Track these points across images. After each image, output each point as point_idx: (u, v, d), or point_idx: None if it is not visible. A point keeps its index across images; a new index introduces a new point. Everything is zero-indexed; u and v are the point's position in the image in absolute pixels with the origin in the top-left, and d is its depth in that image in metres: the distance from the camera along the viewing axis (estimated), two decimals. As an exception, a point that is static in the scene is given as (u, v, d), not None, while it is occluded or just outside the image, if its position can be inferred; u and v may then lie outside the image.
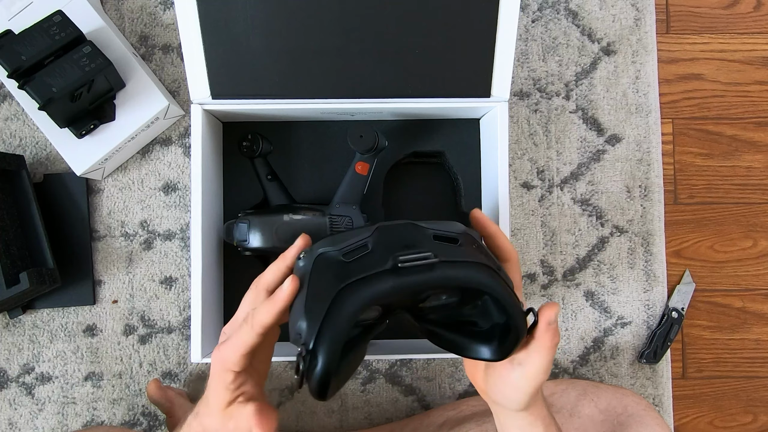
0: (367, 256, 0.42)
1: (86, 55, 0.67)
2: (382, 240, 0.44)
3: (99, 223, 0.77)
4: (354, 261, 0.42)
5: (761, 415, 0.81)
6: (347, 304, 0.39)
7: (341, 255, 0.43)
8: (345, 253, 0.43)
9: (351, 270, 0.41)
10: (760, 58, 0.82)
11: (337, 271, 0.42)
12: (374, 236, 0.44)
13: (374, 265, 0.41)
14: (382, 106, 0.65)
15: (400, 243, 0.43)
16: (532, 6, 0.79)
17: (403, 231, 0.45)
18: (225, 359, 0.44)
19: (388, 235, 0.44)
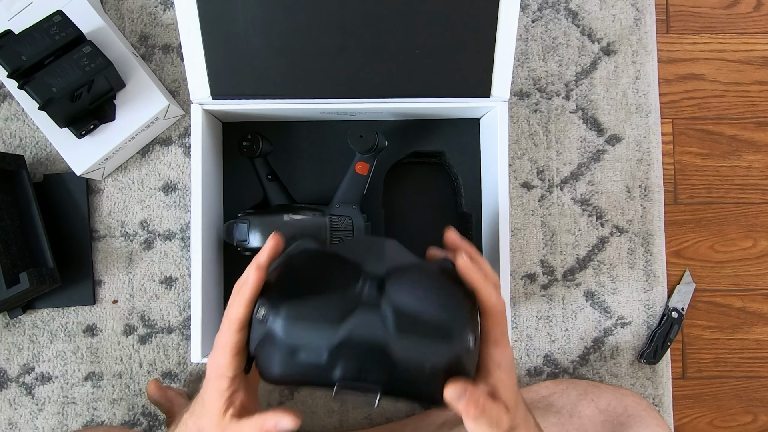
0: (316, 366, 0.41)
1: (86, 55, 0.67)
2: (340, 359, 0.40)
3: (99, 223, 0.77)
4: (301, 361, 0.41)
5: (761, 415, 0.81)
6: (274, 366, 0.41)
7: (289, 347, 0.41)
8: (293, 348, 0.41)
9: (296, 368, 0.41)
10: (760, 58, 0.82)
11: (282, 357, 0.41)
12: (338, 350, 0.41)
13: (318, 378, 0.40)
14: (382, 106, 0.65)
15: (357, 361, 0.40)
16: (532, 6, 0.79)
17: (366, 361, 0.41)
18: (217, 366, 0.44)
19: (350, 357, 0.40)
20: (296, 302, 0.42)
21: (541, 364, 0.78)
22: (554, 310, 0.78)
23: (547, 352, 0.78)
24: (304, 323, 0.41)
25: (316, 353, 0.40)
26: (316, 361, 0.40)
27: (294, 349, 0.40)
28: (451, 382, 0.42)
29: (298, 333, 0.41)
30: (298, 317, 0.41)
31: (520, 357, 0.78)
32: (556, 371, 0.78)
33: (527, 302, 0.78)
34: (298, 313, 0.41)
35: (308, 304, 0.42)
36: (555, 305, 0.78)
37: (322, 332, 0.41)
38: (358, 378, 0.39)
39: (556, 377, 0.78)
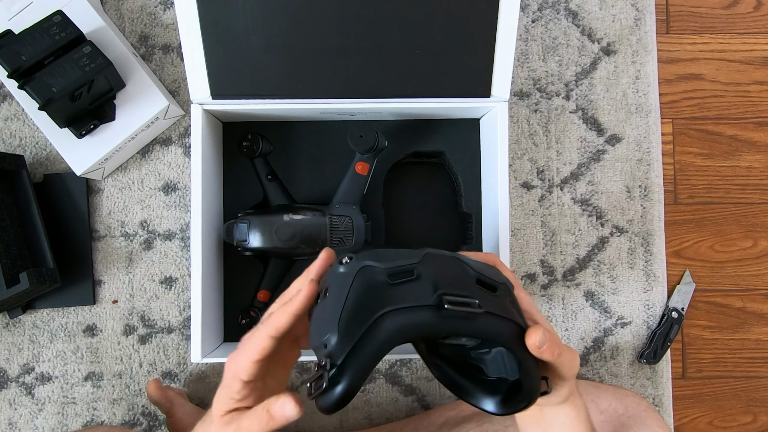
0: (413, 283, 0.41)
1: (86, 55, 0.67)
2: (428, 270, 0.42)
3: (99, 223, 0.77)
4: (398, 285, 0.41)
5: (761, 415, 0.81)
6: (386, 332, 0.38)
7: (386, 275, 0.41)
8: (390, 273, 0.41)
9: (394, 295, 0.40)
10: (760, 58, 0.82)
11: (379, 291, 0.40)
12: (422, 263, 0.43)
13: (419, 297, 0.40)
14: (382, 106, 0.65)
15: (446, 279, 0.42)
16: (532, 6, 0.79)
17: (450, 265, 0.44)
18: (236, 366, 0.43)
19: (436, 266, 0.43)
20: (373, 250, 0.44)
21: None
22: (554, 310, 0.78)
23: (547, 352, 0.78)
24: (391, 252, 0.43)
25: (408, 269, 0.42)
26: (413, 283, 0.41)
27: (391, 273, 0.41)
28: (530, 330, 0.42)
29: (392, 254, 0.43)
30: (383, 251, 0.43)
31: (520, 357, 0.78)
32: (556, 371, 0.78)
33: (527, 302, 0.78)
34: (380, 251, 0.43)
35: (383, 250, 0.44)
36: (555, 305, 0.78)
37: (408, 252, 0.43)
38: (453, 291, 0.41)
39: (556, 377, 0.78)
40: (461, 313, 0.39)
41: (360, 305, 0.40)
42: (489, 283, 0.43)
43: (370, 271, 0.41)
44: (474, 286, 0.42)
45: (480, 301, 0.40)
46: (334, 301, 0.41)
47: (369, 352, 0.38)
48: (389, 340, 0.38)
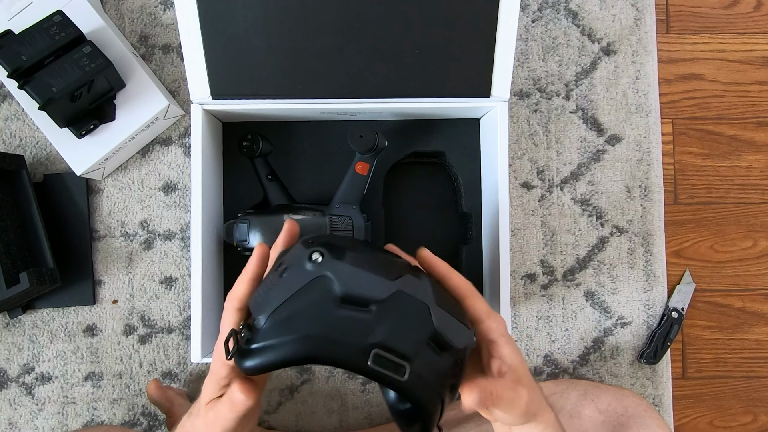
0: (360, 316, 0.39)
1: (86, 55, 0.67)
2: (385, 312, 0.40)
3: (99, 223, 0.77)
4: (346, 310, 0.39)
5: (761, 415, 0.81)
6: (303, 351, 0.38)
7: (341, 295, 0.40)
8: (345, 297, 0.39)
9: (335, 319, 0.39)
10: (760, 58, 0.82)
11: (324, 308, 0.39)
12: (384, 303, 0.40)
13: (355, 335, 0.38)
14: (382, 106, 0.65)
15: (395, 329, 0.39)
16: (532, 6, 0.79)
17: (412, 314, 0.40)
18: (219, 350, 0.44)
19: (396, 310, 0.40)
20: (352, 253, 0.42)
21: (541, 364, 0.78)
22: (554, 310, 0.78)
23: (547, 352, 0.78)
24: (364, 270, 0.41)
25: (366, 301, 0.40)
26: (360, 316, 0.39)
27: (345, 297, 0.40)
28: (465, 388, 0.41)
29: (359, 277, 0.40)
30: (358, 264, 0.41)
31: (520, 357, 0.78)
32: (556, 371, 0.78)
33: (527, 302, 0.78)
34: (357, 261, 0.41)
35: (365, 257, 0.42)
36: (555, 305, 0.78)
37: (379, 282, 0.40)
38: (391, 349, 0.38)
39: (556, 377, 0.78)
40: (380, 373, 0.38)
41: (298, 310, 0.39)
42: (442, 343, 0.41)
43: (327, 284, 0.40)
44: (422, 344, 0.40)
45: (414, 365, 0.38)
46: (281, 289, 0.40)
47: (279, 357, 0.38)
48: (303, 358, 0.38)
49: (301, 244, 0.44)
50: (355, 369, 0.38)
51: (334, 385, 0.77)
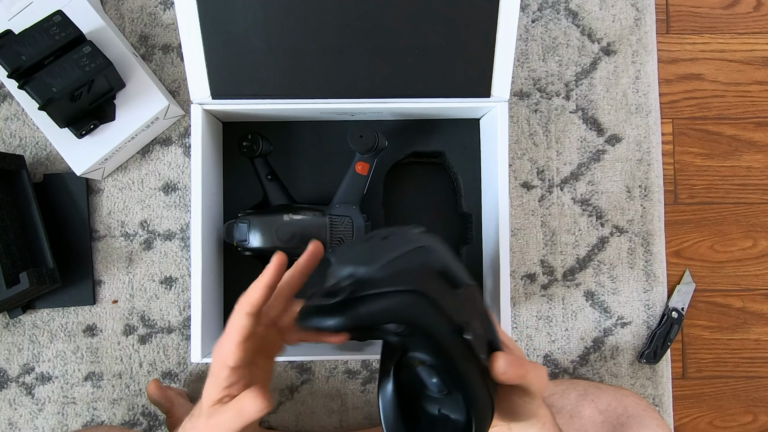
0: (454, 297, 0.40)
1: (86, 55, 0.67)
2: (467, 302, 0.41)
3: (99, 223, 0.77)
4: (444, 286, 0.40)
5: (761, 415, 0.81)
6: (417, 302, 0.38)
7: (441, 268, 0.40)
8: (444, 271, 0.40)
9: (439, 290, 0.39)
10: (760, 58, 0.82)
11: (429, 275, 0.39)
12: (468, 290, 0.41)
13: (452, 311, 0.39)
14: (382, 106, 0.65)
15: (473, 321, 0.40)
16: (532, 6, 0.79)
17: (481, 317, 0.42)
18: (221, 353, 0.43)
19: (473, 306, 0.41)
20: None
21: (541, 364, 0.78)
22: (554, 310, 0.78)
23: (547, 352, 0.78)
24: (452, 254, 0.42)
25: (457, 283, 0.41)
26: (453, 293, 0.40)
27: (442, 272, 0.40)
28: (494, 357, 0.41)
29: (451, 259, 0.42)
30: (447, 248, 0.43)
31: (520, 357, 0.78)
32: (556, 371, 0.78)
33: (527, 302, 0.78)
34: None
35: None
36: (555, 305, 0.78)
37: (463, 269, 0.42)
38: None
39: (556, 377, 0.78)
40: (467, 352, 0.39)
41: (409, 269, 0.39)
42: (494, 346, 0.42)
43: (429, 255, 0.41)
44: (485, 341, 0.41)
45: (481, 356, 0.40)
46: (387, 250, 0.40)
47: (394, 305, 0.37)
48: (409, 315, 0.38)
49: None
50: (441, 339, 0.38)
51: (334, 385, 0.77)
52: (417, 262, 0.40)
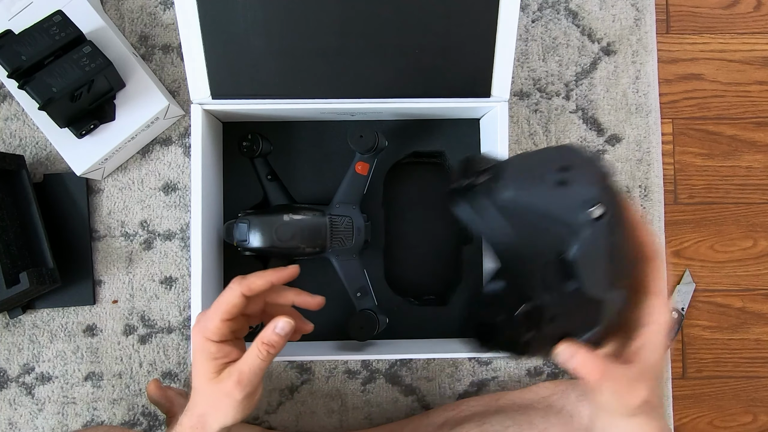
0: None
1: (86, 55, 0.67)
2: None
3: (99, 223, 0.77)
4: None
5: (761, 415, 0.81)
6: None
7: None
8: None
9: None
10: (760, 58, 0.82)
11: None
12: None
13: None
14: (382, 106, 0.65)
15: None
16: (532, 6, 0.79)
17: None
18: (204, 328, 0.44)
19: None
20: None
21: (541, 364, 0.78)
22: (554, 310, 0.78)
23: (547, 352, 0.78)
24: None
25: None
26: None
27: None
28: (564, 342, 0.39)
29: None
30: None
31: (520, 357, 0.78)
32: (556, 371, 0.78)
33: (527, 302, 0.78)
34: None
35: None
36: (555, 305, 0.78)
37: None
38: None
39: (557, 378, 0.78)
40: (573, 270, 0.38)
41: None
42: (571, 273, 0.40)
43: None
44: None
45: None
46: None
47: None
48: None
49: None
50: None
51: (334, 385, 0.77)
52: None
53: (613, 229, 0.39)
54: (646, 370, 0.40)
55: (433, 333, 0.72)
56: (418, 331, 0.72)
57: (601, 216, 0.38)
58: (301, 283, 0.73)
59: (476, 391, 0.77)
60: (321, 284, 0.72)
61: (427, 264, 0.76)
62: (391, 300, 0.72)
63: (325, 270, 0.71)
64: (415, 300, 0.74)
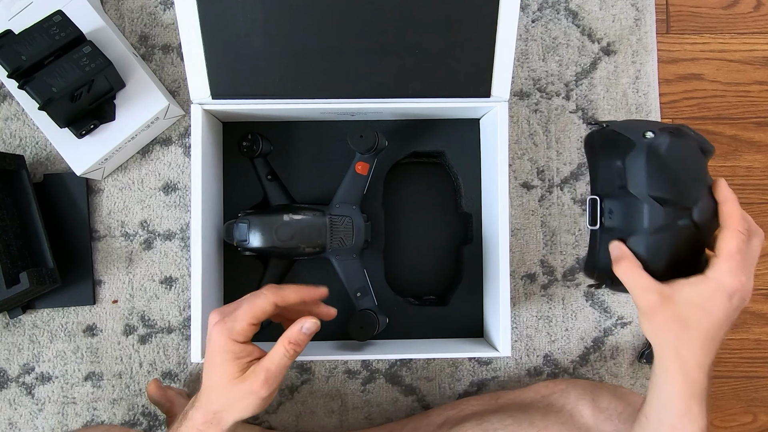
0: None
1: (86, 55, 0.67)
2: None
3: (99, 223, 0.77)
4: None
5: (761, 415, 0.81)
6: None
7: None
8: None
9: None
10: (760, 58, 0.82)
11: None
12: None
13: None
14: (382, 106, 0.65)
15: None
16: (532, 6, 0.79)
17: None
18: (230, 329, 0.46)
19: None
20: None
21: (541, 364, 0.78)
22: (554, 310, 0.78)
23: (547, 352, 0.78)
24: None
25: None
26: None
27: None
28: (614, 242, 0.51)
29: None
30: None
31: (520, 357, 0.78)
32: (556, 371, 0.78)
33: (527, 302, 0.78)
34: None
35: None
36: (555, 305, 0.78)
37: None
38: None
39: (556, 377, 0.78)
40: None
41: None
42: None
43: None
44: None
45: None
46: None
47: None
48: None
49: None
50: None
51: (334, 385, 0.77)
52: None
53: (663, 153, 0.51)
54: (670, 297, 0.48)
55: (433, 333, 0.72)
56: (418, 331, 0.72)
57: (652, 139, 0.51)
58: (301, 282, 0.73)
59: (476, 391, 0.77)
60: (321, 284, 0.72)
61: (427, 264, 0.76)
62: (391, 300, 0.72)
63: (325, 270, 0.71)
64: (415, 300, 0.74)
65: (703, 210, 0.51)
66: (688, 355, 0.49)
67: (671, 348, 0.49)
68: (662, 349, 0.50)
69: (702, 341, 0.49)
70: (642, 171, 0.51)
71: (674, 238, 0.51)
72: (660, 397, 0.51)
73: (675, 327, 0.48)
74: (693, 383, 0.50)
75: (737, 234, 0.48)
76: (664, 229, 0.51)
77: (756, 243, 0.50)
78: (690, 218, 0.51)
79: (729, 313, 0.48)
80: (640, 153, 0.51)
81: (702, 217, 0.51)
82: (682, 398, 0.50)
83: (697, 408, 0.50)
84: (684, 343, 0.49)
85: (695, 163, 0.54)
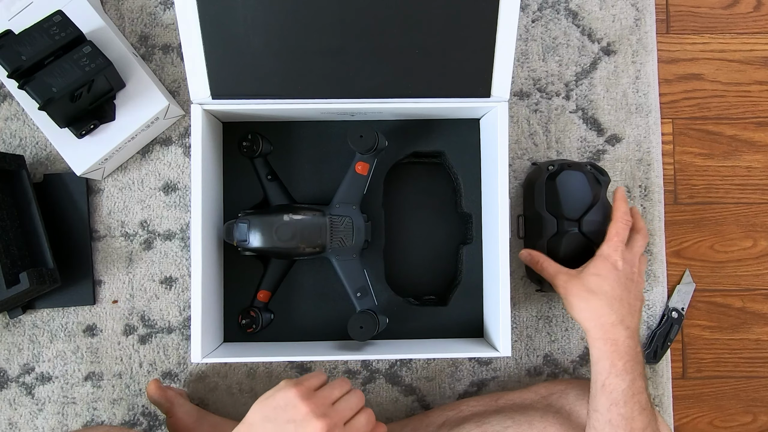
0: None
1: (86, 55, 0.67)
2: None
3: (99, 223, 0.77)
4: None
5: (761, 415, 0.81)
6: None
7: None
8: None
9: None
10: (760, 58, 0.82)
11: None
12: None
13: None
14: (382, 106, 0.65)
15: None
16: (532, 6, 0.79)
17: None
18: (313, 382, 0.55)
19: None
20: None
21: (541, 364, 0.78)
22: (554, 310, 0.78)
23: (547, 352, 0.78)
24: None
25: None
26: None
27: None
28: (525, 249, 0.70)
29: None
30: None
31: (520, 357, 0.78)
32: (556, 371, 0.78)
33: (527, 302, 0.78)
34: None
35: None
36: (555, 305, 0.78)
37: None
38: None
39: (556, 377, 0.78)
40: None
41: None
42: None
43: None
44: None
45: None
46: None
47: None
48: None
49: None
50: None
51: (334, 385, 0.77)
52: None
53: (557, 181, 0.69)
54: (588, 283, 0.61)
55: (433, 333, 0.72)
56: (418, 331, 0.72)
57: (551, 171, 0.70)
58: (301, 283, 0.73)
59: (476, 391, 0.77)
60: (321, 284, 0.72)
61: (427, 264, 0.76)
62: (391, 300, 0.72)
63: (325, 270, 0.71)
64: (415, 300, 0.74)
65: (588, 222, 0.68)
66: (602, 315, 0.59)
67: (586, 314, 0.60)
68: (582, 320, 0.60)
69: (608, 300, 0.59)
70: (541, 194, 0.70)
71: (566, 242, 0.69)
72: (593, 364, 0.59)
73: (584, 294, 0.60)
74: (613, 342, 0.58)
75: (617, 224, 0.63)
76: (558, 235, 0.69)
77: (638, 238, 0.64)
78: (579, 228, 0.68)
79: (621, 280, 0.60)
80: (542, 181, 0.70)
81: (588, 228, 0.68)
82: (606, 356, 0.58)
83: (621, 365, 0.57)
84: (594, 305, 0.59)
85: (582, 189, 0.69)
